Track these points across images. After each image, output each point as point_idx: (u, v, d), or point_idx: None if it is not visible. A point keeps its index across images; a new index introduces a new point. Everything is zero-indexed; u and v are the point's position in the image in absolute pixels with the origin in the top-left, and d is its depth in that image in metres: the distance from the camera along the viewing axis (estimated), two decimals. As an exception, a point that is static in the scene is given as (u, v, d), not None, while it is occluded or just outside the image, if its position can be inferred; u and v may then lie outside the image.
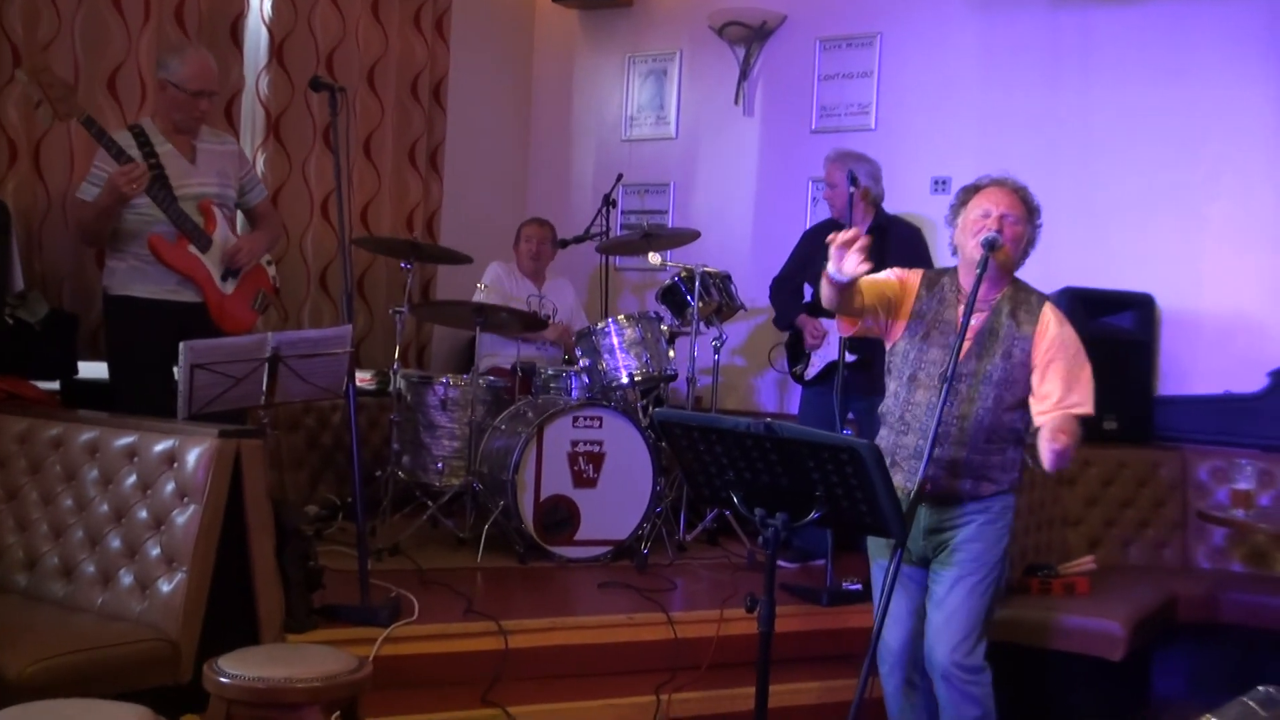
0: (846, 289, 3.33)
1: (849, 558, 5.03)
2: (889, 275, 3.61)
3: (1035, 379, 3.45)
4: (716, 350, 5.82)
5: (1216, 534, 5.33)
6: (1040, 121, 6.10)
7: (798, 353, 5.75)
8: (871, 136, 6.49)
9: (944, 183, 6.06)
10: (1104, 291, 5.65)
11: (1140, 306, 5.68)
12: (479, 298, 5.85)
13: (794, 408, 6.16)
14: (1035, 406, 3.44)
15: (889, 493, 2.69)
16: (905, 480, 3.47)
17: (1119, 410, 5.52)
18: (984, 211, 3.46)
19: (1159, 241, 5.79)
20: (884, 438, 3.57)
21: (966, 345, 3.45)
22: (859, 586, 4.75)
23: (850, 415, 5.17)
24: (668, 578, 5.05)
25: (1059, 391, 3.40)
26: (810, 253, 5.69)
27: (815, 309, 5.66)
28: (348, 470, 5.58)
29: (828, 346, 5.60)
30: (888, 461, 3.37)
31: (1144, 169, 5.85)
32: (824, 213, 5.89)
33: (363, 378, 6.10)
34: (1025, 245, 3.53)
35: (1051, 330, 3.47)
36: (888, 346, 3.64)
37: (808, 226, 6.17)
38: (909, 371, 3.49)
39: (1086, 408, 3.40)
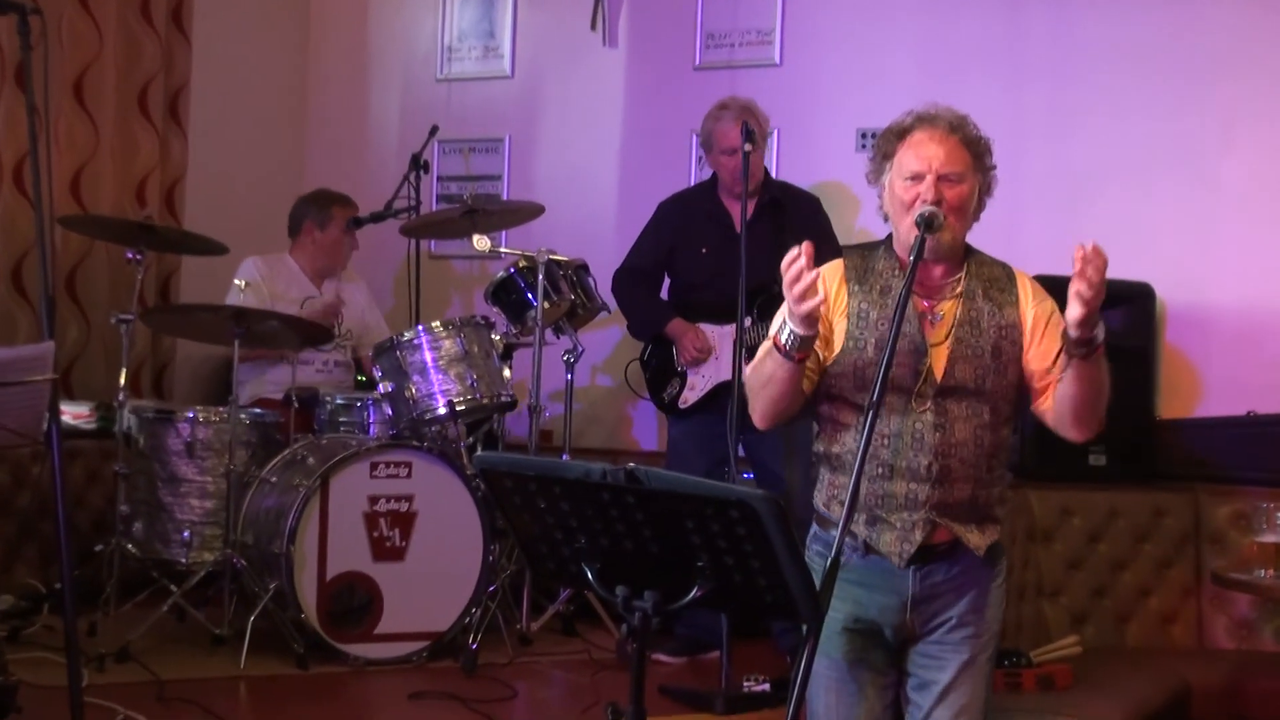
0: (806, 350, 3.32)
1: (752, 647, 5.06)
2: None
3: (1029, 355, 3.53)
4: (569, 367, 5.83)
5: (1241, 602, 5.46)
6: (1000, 58, 6.22)
7: (665, 371, 5.76)
8: (776, 74, 6.57)
9: (874, 136, 6.13)
10: (1087, 281, 5.75)
11: (1135, 300, 5.79)
12: (237, 299, 5.76)
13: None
14: (1038, 367, 3.52)
15: (795, 561, 2.70)
16: (901, 541, 3.43)
17: (1109, 440, 5.58)
18: (914, 174, 3.45)
19: (1158, 215, 5.93)
20: (838, 485, 3.53)
21: (945, 348, 3.47)
22: (766, 686, 4.77)
23: (740, 453, 5.19)
24: (506, 683, 5.06)
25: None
26: (676, 231, 5.71)
27: (693, 311, 5.66)
28: (55, 544, 5.46)
29: (714, 361, 5.61)
30: (865, 519, 3.39)
31: (1136, 120, 5.98)
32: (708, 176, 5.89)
33: (76, 413, 6.02)
34: (977, 204, 3.53)
35: (1035, 304, 3.57)
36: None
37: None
38: (868, 395, 3.39)
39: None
